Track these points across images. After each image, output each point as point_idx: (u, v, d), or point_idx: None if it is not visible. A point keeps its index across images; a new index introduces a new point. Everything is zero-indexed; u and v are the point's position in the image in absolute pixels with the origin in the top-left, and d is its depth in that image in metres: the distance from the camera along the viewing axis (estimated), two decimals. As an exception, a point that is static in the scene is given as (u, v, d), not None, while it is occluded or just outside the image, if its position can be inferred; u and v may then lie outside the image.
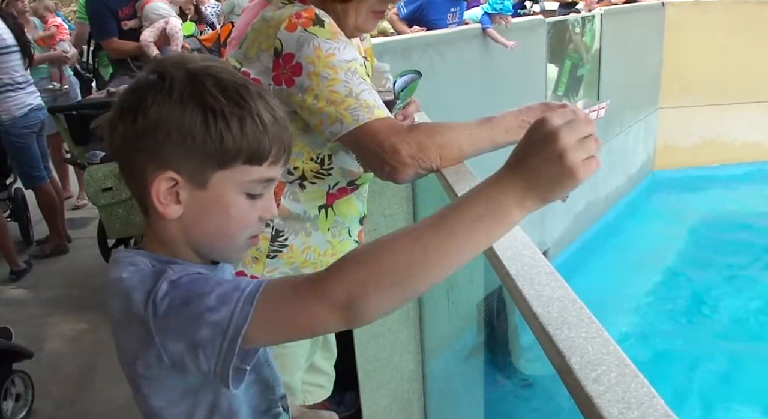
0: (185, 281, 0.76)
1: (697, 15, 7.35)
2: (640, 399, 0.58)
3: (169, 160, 0.79)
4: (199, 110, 0.78)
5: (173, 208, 0.80)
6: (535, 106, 1.28)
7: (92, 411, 2.74)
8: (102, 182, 3.33)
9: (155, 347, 0.74)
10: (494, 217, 0.67)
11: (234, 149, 0.80)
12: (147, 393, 0.82)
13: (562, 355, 0.65)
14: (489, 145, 1.24)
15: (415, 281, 0.69)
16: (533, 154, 0.67)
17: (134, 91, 0.81)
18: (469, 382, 2.39)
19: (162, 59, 0.84)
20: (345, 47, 1.23)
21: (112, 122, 0.81)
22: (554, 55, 5.30)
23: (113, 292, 0.80)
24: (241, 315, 0.71)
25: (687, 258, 6.12)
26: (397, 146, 1.17)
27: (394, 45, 3.44)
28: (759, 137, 7.69)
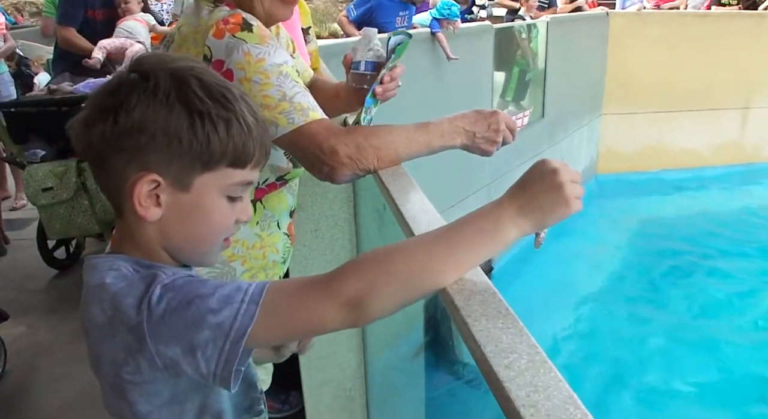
0: (180, 284, 0.75)
1: (640, 26, 7.58)
2: (546, 383, 0.62)
3: (153, 162, 0.77)
4: (185, 111, 0.77)
5: (153, 211, 0.79)
6: (469, 113, 1.32)
7: (29, 414, 2.68)
8: (42, 181, 3.27)
9: (147, 352, 0.73)
10: (492, 233, 0.75)
11: (219, 152, 0.79)
12: (133, 399, 0.79)
13: (478, 344, 0.69)
14: (425, 149, 1.28)
15: (419, 284, 0.74)
16: (536, 182, 0.76)
17: (115, 89, 0.78)
18: (411, 380, 2.43)
19: (142, 58, 0.83)
20: (275, 51, 1.23)
21: (88, 121, 0.79)
22: (502, 61, 5.40)
23: (95, 298, 0.78)
24: (246, 315, 0.71)
25: (628, 260, 6.28)
26: (335, 147, 1.19)
27: (342, 47, 3.45)
28: (696, 144, 7.97)
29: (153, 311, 0.73)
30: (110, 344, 0.77)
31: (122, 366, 0.76)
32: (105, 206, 3.40)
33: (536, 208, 0.76)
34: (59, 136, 3.44)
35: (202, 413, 0.85)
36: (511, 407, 0.60)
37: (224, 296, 0.73)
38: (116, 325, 0.75)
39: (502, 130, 1.32)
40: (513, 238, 0.76)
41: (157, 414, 0.82)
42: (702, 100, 7.76)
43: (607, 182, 7.82)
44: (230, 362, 0.72)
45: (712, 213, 7.14)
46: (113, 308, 0.75)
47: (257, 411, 0.99)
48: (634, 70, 7.50)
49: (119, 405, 0.82)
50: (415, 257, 0.75)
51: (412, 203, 1.08)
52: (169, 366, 0.74)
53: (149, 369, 0.75)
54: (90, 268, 0.81)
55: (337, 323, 0.73)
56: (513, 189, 0.78)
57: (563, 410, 0.58)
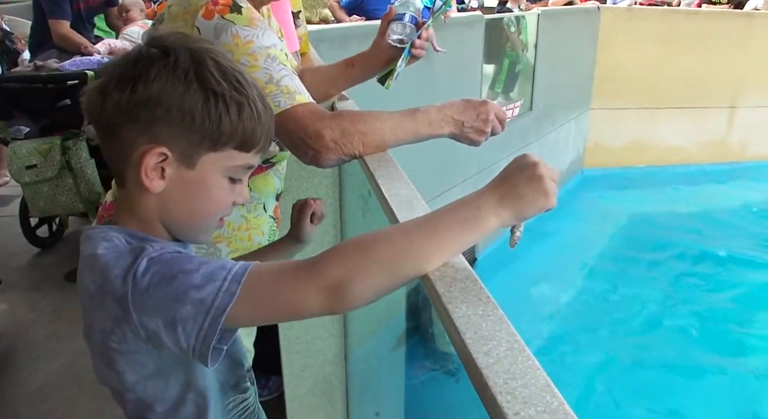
0: (167, 258, 0.76)
1: (630, 21, 7.59)
2: (524, 371, 0.62)
3: (163, 135, 0.79)
4: (201, 90, 0.79)
5: (158, 183, 0.81)
6: (458, 102, 1.31)
7: (9, 392, 2.67)
8: (26, 158, 3.24)
9: (131, 322, 0.75)
10: (473, 221, 0.76)
11: (229, 134, 0.82)
12: (120, 368, 0.82)
13: (458, 331, 0.69)
14: (412, 136, 1.27)
15: (401, 270, 0.75)
16: (517, 174, 0.77)
17: (135, 61, 0.80)
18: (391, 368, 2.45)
19: (162, 35, 0.84)
20: (264, 33, 1.23)
21: (104, 88, 0.80)
22: (491, 52, 5.39)
23: (87, 268, 0.80)
24: (227, 293, 0.72)
25: (611, 254, 6.32)
26: (321, 131, 1.19)
27: (332, 33, 3.44)
28: (683, 140, 8.03)
29: (138, 283, 0.74)
30: (99, 313, 0.79)
31: (110, 334, 0.78)
32: (89, 185, 3.37)
33: (516, 198, 0.77)
34: (44, 113, 3.41)
35: (186, 389, 0.87)
36: (488, 394, 0.60)
37: (208, 273, 0.74)
38: (104, 295, 0.77)
39: (491, 120, 1.31)
40: (493, 227, 0.77)
41: (143, 386, 0.84)
42: (690, 98, 7.80)
43: (593, 176, 7.87)
44: (209, 338, 0.72)
45: (697, 210, 7.21)
46: (102, 278, 0.77)
47: (243, 388, 1.00)
48: (623, 66, 7.52)
49: (108, 374, 0.84)
50: (397, 244, 0.75)
51: (397, 190, 1.08)
52: (152, 338, 0.75)
53: (134, 340, 0.77)
54: (86, 238, 0.83)
55: (317, 307, 0.74)
56: (494, 180, 0.79)
57: (540, 398, 0.59)
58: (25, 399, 2.62)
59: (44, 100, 3.37)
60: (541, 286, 5.54)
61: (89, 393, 2.64)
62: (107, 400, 2.66)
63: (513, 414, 0.57)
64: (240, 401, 0.99)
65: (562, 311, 5.29)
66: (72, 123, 3.38)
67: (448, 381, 3.12)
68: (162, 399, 0.86)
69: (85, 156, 3.35)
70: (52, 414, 2.53)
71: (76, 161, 3.32)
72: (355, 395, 2.24)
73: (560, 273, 5.89)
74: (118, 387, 0.85)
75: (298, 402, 2.18)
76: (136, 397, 0.85)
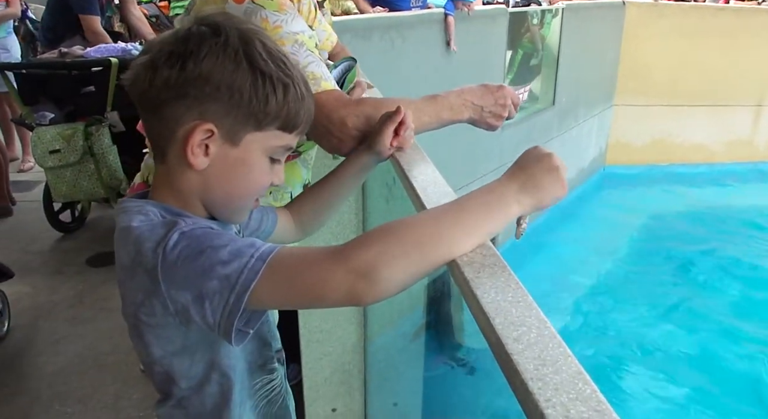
0: (198, 233, 0.77)
1: (656, 16, 7.51)
2: (555, 357, 0.61)
3: (211, 112, 0.80)
4: (250, 69, 0.80)
5: (202, 159, 0.82)
6: (476, 87, 1.32)
7: (31, 374, 2.70)
8: (50, 143, 3.27)
9: (161, 295, 0.75)
10: (496, 207, 0.78)
11: (274, 114, 0.83)
12: (148, 340, 0.83)
13: (487, 316, 0.68)
14: (434, 121, 1.27)
15: (430, 254, 0.74)
16: (534, 163, 0.81)
17: (185, 38, 0.81)
18: (410, 359, 2.44)
19: (209, 15, 0.85)
20: (293, 19, 1.23)
21: (152, 64, 0.80)
22: (515, 45, 5.36)
23: (121, 240, 0.81)
24: (252, 270, 0.72)
25: (633, 253, 6.28)
26: (345, 119, 1.18)
27: (355, 24, 3.43)
28: (706, 139, 7.93)
29: (167, 255, 0.74)
30: (131, 284, 0.79)
31: (140, 306, 0.79)
32: (110, 171, 3.40)
33: (536, 187, 0.80)
34: (68, 99, 3.44)
35: (210, 368, 0.87)
36: (518, 380, 0.59)
37: (236, 250, 0.74)
38: (136, 267, 0.77)
39: (508, 105, 1.33)
40: (515, 214, 0.80)
41: (169, 360, 0.85)
42: (716, 96, 7.70)
43: (615, 173, 7.80)
44: (233, 314, 0.72)
45: (720, 210, 7.13)
46: (135, 251, 0.77)
47: (270, 368, 1.00)
48: (648, 62, 7.44)
49: (138, 345, 0.85)
50: (426, 229, 0.75)
51: (423, 176, 1.07)
52: (180, 312, 0.76)
53: (162, 313, 0.77)
54: (121, 211, 0.83)
55: (343, 292, 0.72)
56: (512, 170, 0.82)
57: (572, 384, 0.58)
58: (46, 382, 2.65)
59: (69, 86, 3.40)
60: (561, 282, 5.52)
61: (110, 376, 2.67)
62: (127, 383, 2.69)
63: (544, 400, 0.56)
64: (267, 381, 0.99)
65: (582, 307, 5.26)
66: (95, 109, 3.40)
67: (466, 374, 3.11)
68: (187, 375, 0.86)
69: (108, 142, 3.37)
70: (72, 396, 2.55)
71: (99, 146, 3.34)
72: (374, 385, 2.24)
73: (580, 270, 5.86)
74: (147, 359, 0.86)
75: (315, 390, 2.18)
76: (162, 370, 0.86)
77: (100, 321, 3.08)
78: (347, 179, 1.17)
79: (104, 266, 3.63)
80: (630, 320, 5.10)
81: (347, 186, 1.18)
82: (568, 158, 6.72)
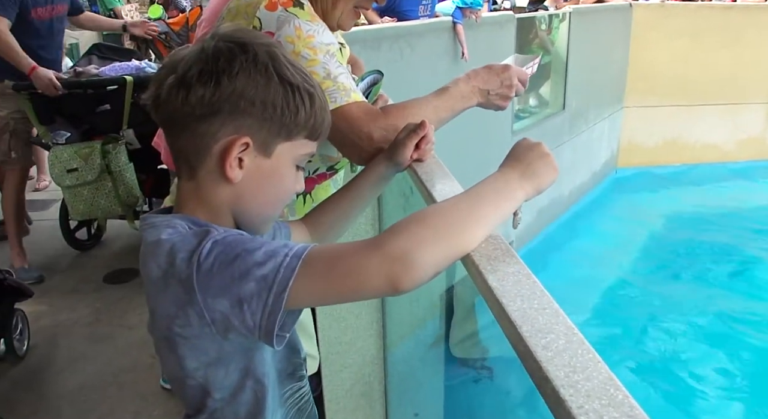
0: (230, 240, 0.78)
1: (663, 17, 7.49)
2: (585, 364, 0.61)
3: (246, 126, 0.83)
4: (281, 83, 0.84)
5: (237, 172, 0.84)
6: (481, 71, 1.36)
7: (51, 392, 2.72)
8: (67, 162, 3.30)
9: (196, 305, 0.76)
10: (506, 193, 0.85)
11: (303, 123, 0.87)
12: (182, 353, 0.83)
13: (514, 325, 0.68)
14: (450, 113, 1.31)
15: (457, 237, 0.78)
16: (528, 153, 0.90)
17: (214, 56, 0.82)
18: (430, 369, 2.43)
19: (230, 31, 0.88)
20: (324, 30, 1.25)
21: (184, 84, 0.82)
22: (521, 51, 5.37)
23: (151, 254, 0.81)
24: (288, 268, 0.74)
25: (647, 254, 6.25)
26: (371, 133, 1.20)
27: (364, 35, 3.45)
28: (718, 138, 7.89)
29: (202, 264, 0.75)
30: (163, 297, 0.80)
31: (174, 319, 0.80)
32: (127, 188, 3.42)
33: (534, 173, 0.88)
34: (84, 118, 3.47)
35: (245, 376, 0.87)
36: (549, 387, 0.59)
37: (270, 251, 0.75)
38: (169, 278, 0.78)
39: (515, 84, 1.36)
40: (521, 199, 0.86)
41: (203, 372, 0.85)
42: (725, 94, 7.67)
43: (627, 175, 7.78)
44: (274, 314, 0.73)
45: (734, 208, 7.07)
46: (168, 263, 0.78)
47: (299, 376, 1.01)
48: (657, 63, 7.42)
49: (170, 360, 0.85)
50: (449, 215, 0.80)
51: (441, 185, 1.08)
52: (217, 321, 0.76)
53: (198, 323, 0.77)
54: (148, 226, 0.84)
55: (381, 280, 0.74)
56: (509, 161, 0.90)
57: (604, 391, 0.58)
58: (66, 399, 2.66)
59: (84, 105, 3.43)
60: (576, 285, 5.49)
61: (130, 393, 2.67)
62: (147, 399, 2.70)
63: (577, 407, 0.56)
64: (296, 389, 1.00)
65: (597, 310, 5.24)
66: (111, 128, 3.43)
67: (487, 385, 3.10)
68: (221, 386, 0.86)
69: (125, 160, 3.40)
70: (92, 414, 2.56)
71: (116, 164, 3.37)
72: (394, 396, 2.23)
73: (594, 272, 5.83)
74: (179, 373, 0.85)
75: (336, 402, 2.18)
76: (196, 383, 0.86)
77: (118, 338, 3.09)
78: (366, 189, 1.18)
79: (121, 283, 3.65)
80: (648, 321, 5.07)
81: (365, 197, 1.19)
82: (580, 161, 6.72)
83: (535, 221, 5.83)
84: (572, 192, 6.70)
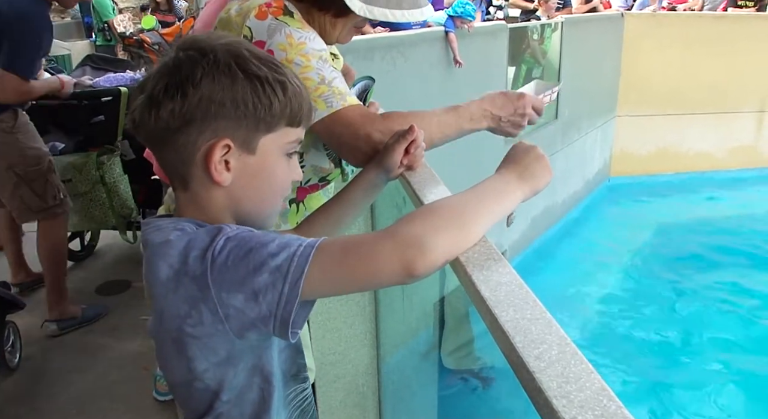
0: (243, 235, 0.78)
1: (655, 27, 7.54)
2: (578, 374, 0.61)
3: (222, 128, 0.83)
4: (247, 79, 0.83)
5: (225, 175, 0.85)
6: (497, 96, 1.35)
7: (44, 406, 2.69)
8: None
9: (210, 300, 0.76)
10: (506, 192, 0.89)
11: (279, 113, 0.86)
12: (192, 354, 0.82)
13: (506, 335, 0.68)
14: (456, 132, 1.30)
15: (468, 228, 0.82)
16: (523, 155, 0.95)
17: (176, 67, 0.83)
18: (424, 378, 2.43)
19: (190, 38, 0.88)
20: (315, 37, 1.26)
21: (153, 103, 0.82)
22: (514, 61, 5.39)
23: (159, 255, 0.81)
24: (302, 256, 0.74)
25: (640, 263, 6.26)
26: (371, 134, 1.20)
27: (357, 45, 3.46)
28: (710, 147, 7.92)
29: (216, 259, 0.76)
30: (174, 297, 0.80)
31: (185, 318, 0.79)
32: (121, 200, 3.41)
33: (532, 175, 0.92)
34: (79, 129, 3.46)
35: (253, 373, 0.87)
36: (542, 398, 0.59)
37: (283, 242, 0.76)
38: (181, 277, 0.78)
39: (528, 113, 1.35)
40: (519, 199, 0.90)
41: (213, 373, 0.84)
42: (717, 103, 7.71)
43: (620, 184, 7.80)
44: (290, 304, 0.74)
45: (726, 217, 7.11)
46: (180, 261, 0.78)
47: (303, 377, 1.01)
48: (649, 72, 7.46)
49: (178, 362, 0.84)
50: (456, 207, 0.84)
51: (433, 194, 1.08)
52: (231, 317, 0.76)
53: (211, 321, 0.77)
54: (154, 229, 0.85)
55: (396, 263, 0.75)
56: (506, 164, 0.95)
57: (597, 401, 0.58)
58: (58, 412, 2.64)
59: (79, 116, 3.42)
60: (569, 294, 5.50)
61: (123, 405, 2.65)
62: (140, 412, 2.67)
63: (570, 418, 0.56)
64: (300, 390, 1.00)
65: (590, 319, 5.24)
66: (106, 139, 3.42)
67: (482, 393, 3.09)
68: (230, 386, 0.86)
69: (119, 171, 3.39)
70: (86, 427, 2.54)
71: (110, 176, 3.36)
72: (388, 406, 2.22)
73: (587, 281, 5.85)
74: (187, 376, 0.84)
75: (330, 413, 2.17)
76: (204, 386, 0.85)
77: (110, 350, 3.07)
78: (357, 197, 1.19)
79: (114, 294, 3.62)
80: (641, 331, 5.07)
81: (357, 205, 1.20)
82: (573, 170, 6.74)
83: (529, 229, 5.84)
84: (565, 201, 6.72)
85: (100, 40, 8.10)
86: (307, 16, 1.32)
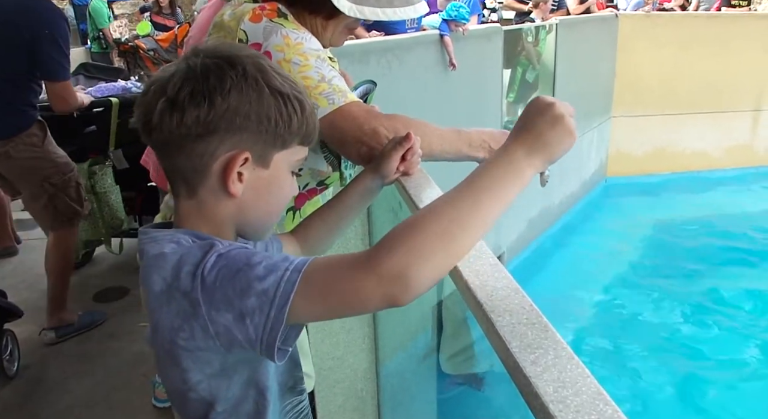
0: (234, 253, 0.78)
1: (649, 27, 7.56)
2: (574, 379, 0.61)
3: (244, 141, 0.84)
4: (272, 94, 0.84)
5: (239, 187, 0.85)
6: (496, 132, 1.34)
7: (42, 413, 2.69)
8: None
9: (201, 317, 0.75)
10: (511, 177, 0.77)
11: (297, 131, 0.88)
12: (186, 366, 0.82)
13: (503, 340, 0.68)
14: (454, 151, 1.29)
15: (456, 244, 0.73)
16: (538, 118, 0.79)
17: (203, 74, 0.82)
18: (423, 382, 2.42)
19: (213, 47, 0.87)
20: (311, 38, 1.26)
21: (176, 104, 0.81)
22: (509, 63, 5.40)
23: (153, 267, 0.81)
24: (288, 282, 0.73)
25: (637, 263, 6.26)
26: (377, 129, 1.20)
27: (352, 49, 3.46)
28: (706, 146, 7.94)
29: (206, 277, 0.75)
30: (167, 310, 0.79)
31: (178, 331, 0.79)
32: (112, 211, 3.41)
33: (545, 144, 0.79)
34: (71, 139, 3.46)
35: (248, 386, 0.87)
36: (538, 403, 0.59)
37: (271, 265, 0.75)
38: (173, 291, 0.78)
39: None
40: (529, 177, 0.79)
41: (206, 384, 0.84)
42: (713, 102, 7.73)
43: (616, 184, 7.81)
44: (275, 329, 0.73)
45: (723, 216, 7.12)
46: (173, 276, 0.78)
47: (299, 390, 1.01)
48: (643, 72, 7.48)
49: (173, 373, 0.84)
50: (446, 216, 0.74)
51: (430, 200, 1.07)
52: (221, 334, 0.75)
53: (202, 336, 0.77)
54: (150, 240, 0.84)
55: (378, 299, 0.72)
56: (517, 130, 0.81)
57: (593, 406, 0.58)
58: (57, 420, 2.64)
59: (71, 126, 3.42)
60: (566, 296, 5.50)
61: (120, 413, 2.65)
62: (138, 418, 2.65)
63: (566, 423, 0.56)
64: (297, 403, 1.00)
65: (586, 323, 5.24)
66: (97, 149, 3.42)
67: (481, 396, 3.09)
68: (225, 398, 0.86)
69: (110, 182, 3.39)
70: (84, 435, 2.54)
71: (101, 186, 3.36)
72: (387, 411, 2.22)
73: (584, 283, 5.85)
74: (181, 386, 0.84)
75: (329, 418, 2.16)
76: (198, 397, 0.85)
77: (108, 357, 3.07)
78: (353, 202, 1.19)
79: (111, 301, 3.62)
80: (638, 334, 5.07)
81: (353, 209, 1.20)
82: (570, 171, 6.75)
83: (526, 230, 5.84)
84: (562, 202, 6.73)
85: (95, 48, 8.10)
86: (299, 19, 1.32)
